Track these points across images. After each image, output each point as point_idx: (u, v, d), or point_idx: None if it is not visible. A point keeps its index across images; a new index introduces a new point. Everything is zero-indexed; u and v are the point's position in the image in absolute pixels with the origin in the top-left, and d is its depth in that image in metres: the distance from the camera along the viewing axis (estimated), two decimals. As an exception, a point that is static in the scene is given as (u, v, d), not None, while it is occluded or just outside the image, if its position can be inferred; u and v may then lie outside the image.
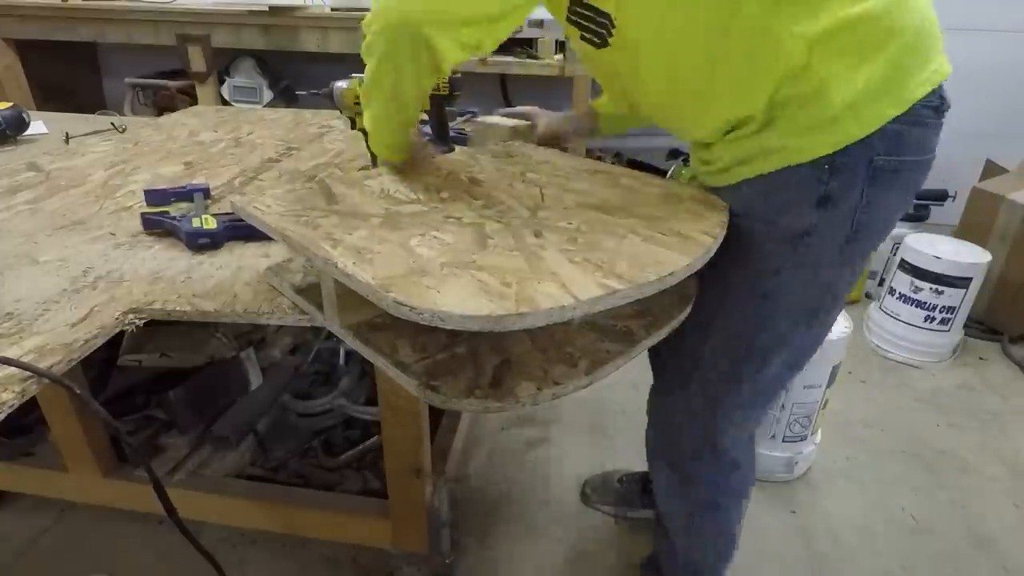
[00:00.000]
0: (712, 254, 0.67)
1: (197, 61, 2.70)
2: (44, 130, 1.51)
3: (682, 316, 0.77)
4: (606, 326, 0.73)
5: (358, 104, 1.02)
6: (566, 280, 0.57)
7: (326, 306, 0.70)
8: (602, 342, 0.70)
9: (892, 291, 2.23)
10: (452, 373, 0.65)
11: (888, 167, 0.72)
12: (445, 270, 0.59)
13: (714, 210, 0.76)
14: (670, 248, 0.65)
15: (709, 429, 0.95)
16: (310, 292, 0.74)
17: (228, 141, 1.46)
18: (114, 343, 1.37)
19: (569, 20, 0.80)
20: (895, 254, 2.42)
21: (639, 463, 1.66)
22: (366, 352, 0.69)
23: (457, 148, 1.11)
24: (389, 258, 0.62)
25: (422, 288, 0.56)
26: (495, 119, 1.19)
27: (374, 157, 1.07)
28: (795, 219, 0.75)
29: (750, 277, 0.81)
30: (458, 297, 0.54)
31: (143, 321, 0.73)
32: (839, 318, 1.56)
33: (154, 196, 1.03)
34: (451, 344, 0.69)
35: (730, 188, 0.80)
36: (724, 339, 0.86)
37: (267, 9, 2.58)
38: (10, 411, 0.54)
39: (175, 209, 0.98)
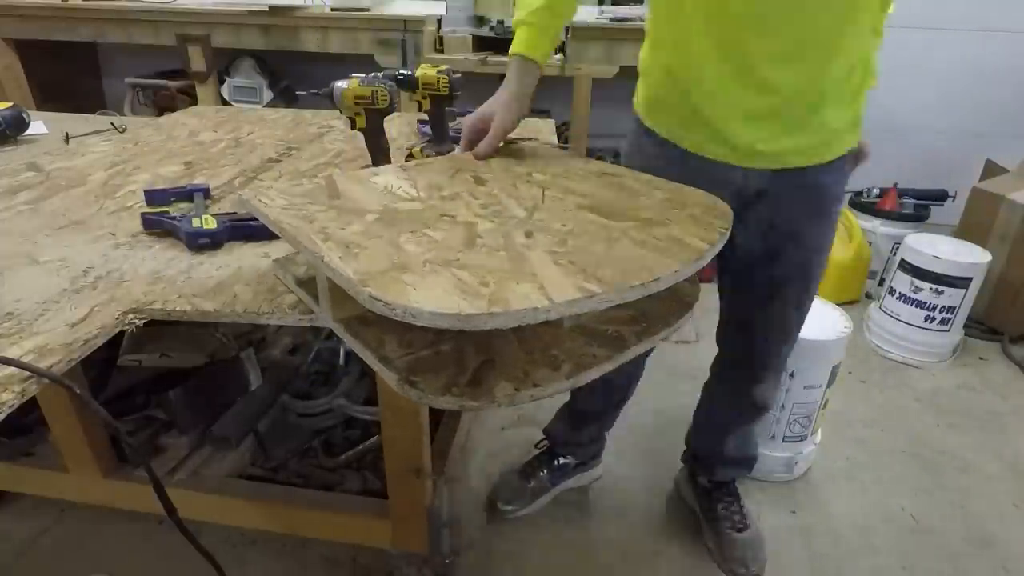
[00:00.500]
0: (707, 261, 0.67)
1: (197, 61, 2.70)
2: (44, 130, 1.51)
3: (679, 323, 0.76)
4: (597, 330, 0.73)
5: (358, 104, 1.02)
6: (545, 281, 0.57)
7: (321, 299, 0.71)
8: (590, 346, 0.70)
9: (892, 291, 2.23)
10: (433, 370, 0.65)
11: None
12: (427, 267, 0.59)
13: (717, 217, 0.75)
14: (662, 253, 0.65)
15: (792, 339, 1.23)
16: (311, 285, 0.74)
17: (228, 141, 1.46)
18: (114, 343, 1.37)
19: None
20: (895, 254, 2.42)
21: (639, 464, 1.67)
22: (354, 345, 0.69)
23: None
24: (375, 254, 0.62)
25: (400, 284, 0.56)
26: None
27: (374, 157, 1.08)
28: (844, 184, 1.08)
29: (826, 229, 1.10)
30: (432, 294, 0.54)
31: (143, 321, 0.73)
32: (840, 318, 1.56)
33: (154, 196, 1.03)
34: (437, 341, 0.69)
35: (831, 165, 1.01)
36: (799, 268, 1.12)
37: (267, 9, 2.58)
38: (10, 411, 0.54)
39: (175, 209, 0.98)
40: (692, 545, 1.44)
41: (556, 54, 2.54)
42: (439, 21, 2.58)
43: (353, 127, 1.05)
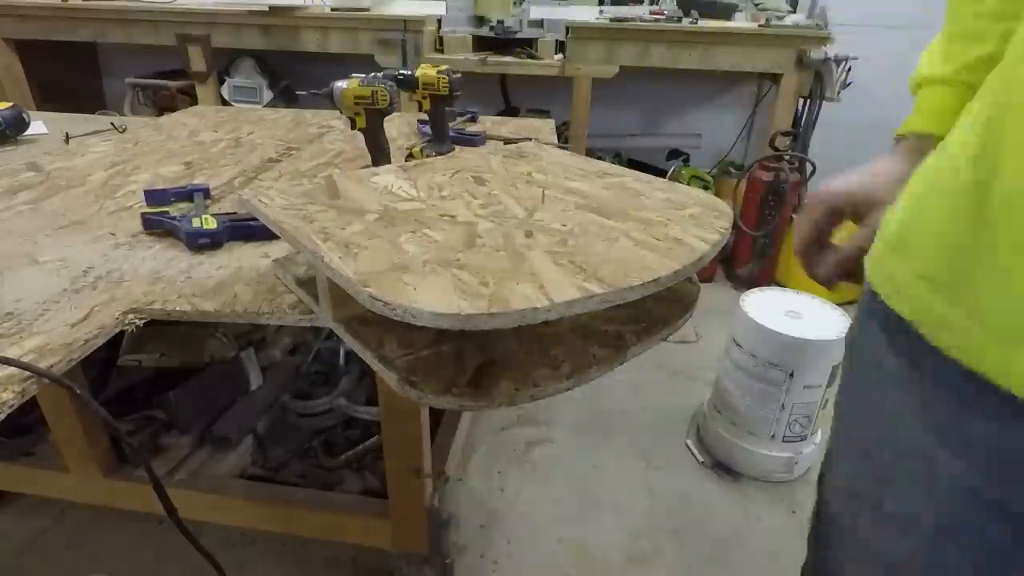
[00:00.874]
0: (707, 261, 0.67)
1: (197, 61, 2.70)
2: (44, 130, 1.51)
3: (679, 324, 0.77)
4: (597, 330, 0.73)
5: (358, 104, 1.02)
6: (545, 281, 0.57)
7: (320, 299, 0.71)
8: (590, 346, 0.70)
9: (892, 291, 2.23)
10: (434, 370, 0.65)
11: None
12: (427, 267, 0.60)
13: (718, 217, 0.75)
14: (661, 253, 0.65)
15: None
16: (311, 285, 0.74)
17: (228, 141, 1.46)
18: (114, 343, 1.37)
19: None
20: (895, 254, 2.42)
21: (639, 464, 1.67)
22: (354, 345, 0.69)
23: (467, 148, 1.11)
24: (375, 254, 0.62)
25: (400, 284, 0.56)
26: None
27: (374, 157, 1.08)
28: None
29: None
30: (432, 294, 0.55)
31: (143, 321, 0.73)
32: (839, 318, 1.56)
33: (154, 196, 1.03)
34: (437, 342, 0.69)
35: None
36: None
37: (267, 9, 2.58)
38: (10, 411, 0.54)
39: (175, 209, 0.98)
40: (692, 545, 1.44)
41: (556, 54, 2.54)
42: (439, 21, 2.58)
43: (353, 127, 1.05)
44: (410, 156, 1.21)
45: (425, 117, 1.26)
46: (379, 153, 1.07)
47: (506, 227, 0.70)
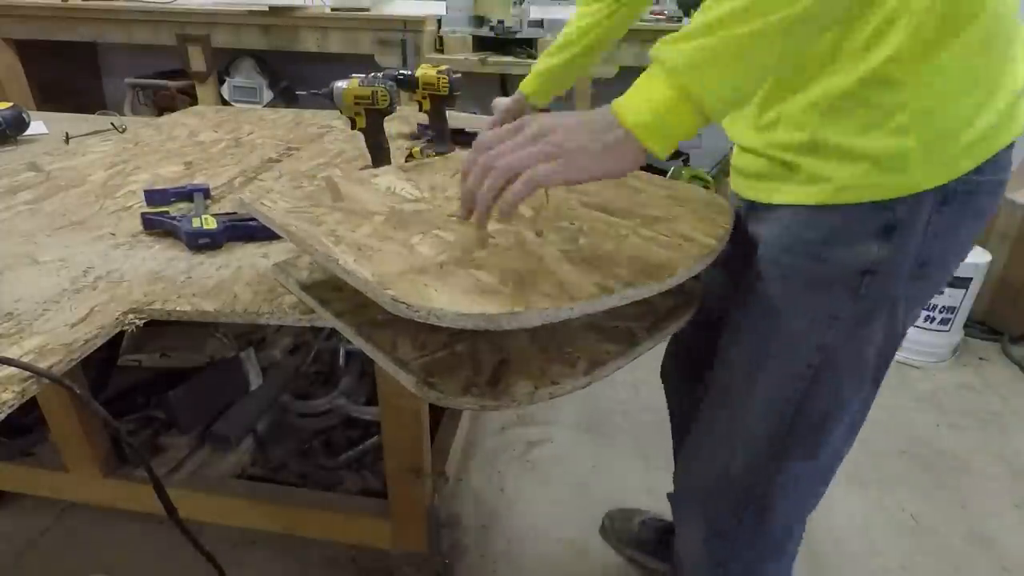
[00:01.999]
0: (715, 256, 0.67)
1: (197, 61, 2.70)
2: (44, 130, 1.51)
3: (685, 318, 0.77)
4: (608, 327, 0.73)
5: (358, 104, 1.02)
6: (563, 280, 0.57)
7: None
8: (602, 343, 0.70)
9: (892, 291, 2.23)
10: (450, 371, 0.65)
11: (962, 189, 0.60)
12: (444, 268, 0.59)
13: (720, 213, 0.76)
14: (672, 250, 0.65)
15: (759, 506, 0.82)
16: (315, 289, 0.74)
17: (228, 141, 1.46)
18: (114, 343, 1.37)
19: None
20: (895, 254, 2.42)
21: (639, 464, 1.66)
22: (367, 349, 0.69)
23: (467, 148, 1.11)
24: (389, 256, 0.62)
25: (420, 286, 0.56)
26: None
27: (374, 157, 1.08)
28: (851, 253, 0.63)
29: (798, 331, 0.68)
30: (454, 296, 0.54)
31: (143, 321, 0.73)
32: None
33: (154, 196, 1.03)
34: (451, 342, 0.69)
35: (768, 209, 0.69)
36: (765, 413, 0.74)
37: (267, 9, 2.58)
38: (10, 411, 0.54)
39: (175, 209, 0.98)
40: (692, 545, 1.44)
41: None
42: (439, 21, 2.58)
43: (353, 127, 1.05)
44: (410, 156, 1.21)
45: (425, 117, 1.26)
46: (379, 153, 1.07)
47: (516, 226, 0.70)
